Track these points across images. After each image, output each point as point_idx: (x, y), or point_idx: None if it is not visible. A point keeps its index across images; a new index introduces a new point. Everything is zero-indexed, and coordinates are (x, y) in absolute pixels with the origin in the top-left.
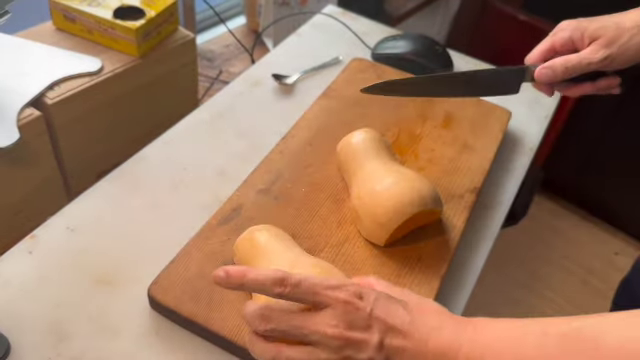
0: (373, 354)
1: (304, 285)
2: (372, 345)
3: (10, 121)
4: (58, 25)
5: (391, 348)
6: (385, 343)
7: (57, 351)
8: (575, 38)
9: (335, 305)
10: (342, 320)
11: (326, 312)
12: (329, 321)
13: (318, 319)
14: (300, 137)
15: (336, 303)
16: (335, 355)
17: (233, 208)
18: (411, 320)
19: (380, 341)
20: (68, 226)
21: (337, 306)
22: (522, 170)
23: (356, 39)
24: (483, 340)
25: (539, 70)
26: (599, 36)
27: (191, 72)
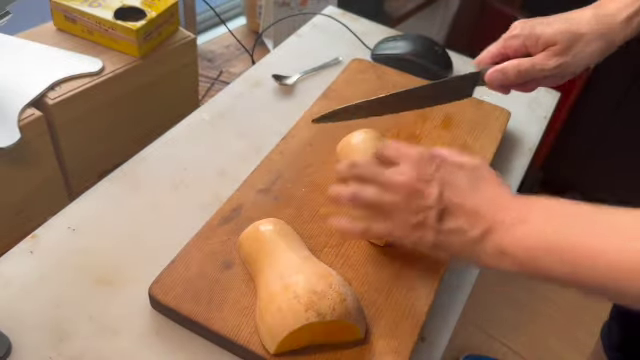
0: (433, 203)
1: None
2: (433, 195)
3: (11, 121)
4: (59, 26)
5: (450, 201)
6: (444, 196)
7: (58, 350)
8: (529, 44)
9: (407, 161)
10: (411, 172)
11: (401, 165)
12: (399, 170)
13: (393, 169)
14: (300, 137)
15: (407, 159)
16: (400, 199)
17: (233, 208)
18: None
19: (440, 193)
20: (69, 226)
21: (409, 162)
22: (521, 170)
23: (356, 40)
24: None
25: (490, 73)
26: (554, 43)
27: (192, 72)
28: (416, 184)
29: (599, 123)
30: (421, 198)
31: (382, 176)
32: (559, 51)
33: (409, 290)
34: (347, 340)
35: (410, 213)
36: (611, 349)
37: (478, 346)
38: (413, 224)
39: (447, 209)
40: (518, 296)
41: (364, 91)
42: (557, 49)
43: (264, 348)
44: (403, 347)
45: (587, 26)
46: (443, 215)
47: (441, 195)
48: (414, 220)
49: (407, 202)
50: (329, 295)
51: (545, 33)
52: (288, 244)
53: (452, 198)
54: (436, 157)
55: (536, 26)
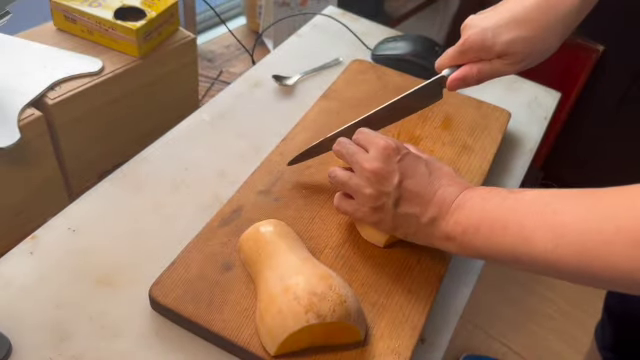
0: (391, 190)
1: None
2: (393, 183)
3: (11, 121)
4: (59, 26)
5: (406, 189)
6: (403, 185)
7: (58, 351)
8: (483, 55)
9: (375, 150)
10: (377, 161)
11: (370, 152)
12: (367, 158)
13: (364, 155)
14: (300, 138)
15: (377, 148)
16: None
17: (233, 209)
18: (428, 175)
19: (399, 182)
20: (69, 227)
21: (377, 151)
22: (521, 170)
23: (356, 40)
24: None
25: (451, 82)
26: (508, 53)
27: (192, 72)
28: (380, 171)
29: (599, 123)
30: (382, 185)
31: (354, 157)
32: (515, 60)
33: (409, 291)
34: (347, 342)
35: (372, 198)
36: (605, 349)
37: (478, 346)
38: (374, 207)
39: (403, 196)
40: (518, 296)
41: (364, 92)
42: (512, 59)
43: (264, 350)
44: (403, 348)
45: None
46: (399, 201)
47: (400, 183)
48: (375, 204)
49: (370, 187)
50: (329, 297)
51: (496, 45)
52: (288, 245)
53: (409, 187)
54: (400, 149)
55: (486, 36)
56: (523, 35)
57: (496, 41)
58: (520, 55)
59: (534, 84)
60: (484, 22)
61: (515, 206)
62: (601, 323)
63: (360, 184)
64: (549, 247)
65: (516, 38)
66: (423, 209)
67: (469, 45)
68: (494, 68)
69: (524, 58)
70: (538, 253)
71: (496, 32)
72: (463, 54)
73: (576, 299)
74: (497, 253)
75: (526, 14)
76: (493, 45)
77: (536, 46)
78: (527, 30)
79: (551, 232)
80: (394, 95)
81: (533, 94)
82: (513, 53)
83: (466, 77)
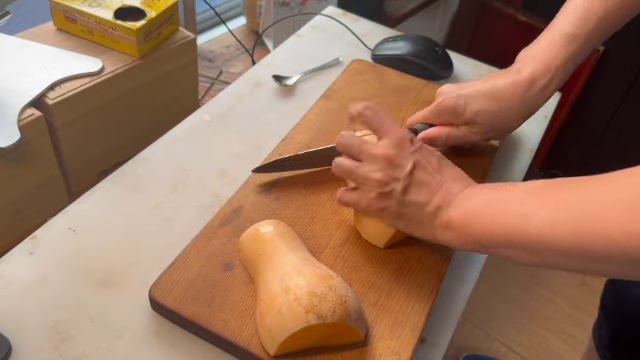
0: (402, 177)
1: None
2: (405, 171)
3: (11, 121)
4: (59, 26)
5: (416, 178)
6: (414, 173)
7: (58, 352)
8: (453, 120)
9: (390, 139)
10: (391, 148)
11: (383, 140)
12: (381, 145)
13: (377, 143)
14: (300, 138)
15: (391, 137)
16: (375, 168)
17: (233, 209)
18: (439, 168)
19: (411, 170)
20: (69, 227)
21: (392, 139)
22: (522, 170)
23: (356, 40)
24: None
25: (421, 139)
26: (475, 122)
27: (191, 72)
28: (393, 158)
29: (599, 123)
30: (394, 170)
31: (363, 147)
32: (480, 130)
33: (409, 291)
34: (348, 342)
35: (380, 183)
36: (602, 348)
37: (478, 346)
38: (381, 193)
39: (412, 184)
40: (518, 296)
41: (364, 92)
42: (478, 129)
43: (264, 350)
44: (404, 349)
45: (506, 101)
46: (408, 188)
47: (412, 172)
48: (383, 190)
49: (380, 171)
50: (329, 297)
51: (466, 112)
52: (288, 245)
53: (420, 176)
54: (415, 142)
55: (459, 103)
56: (489, 109)
57: (466, 108)
58: (485, 126)
59: None
60: (459, 90)
61: (516, 194)
62: (598, 323)
63: (371, 169)
64: (546, 226)
65: (483, 110)
66: (429, 198)
67: (442, 107)
68: (462, 134)
69: (488, 130)
70: (534, 232)
71: (467, 101)
72: (436, 115)
73: (576, 299)
74: (494, 239)
75: (495, 91)
76: (463, 112)
77: (500, 121)
78: (493, 105)
79: (547, 210)
80: (394, 95)
81: None
82: (479, 123)
83: (436, 138)
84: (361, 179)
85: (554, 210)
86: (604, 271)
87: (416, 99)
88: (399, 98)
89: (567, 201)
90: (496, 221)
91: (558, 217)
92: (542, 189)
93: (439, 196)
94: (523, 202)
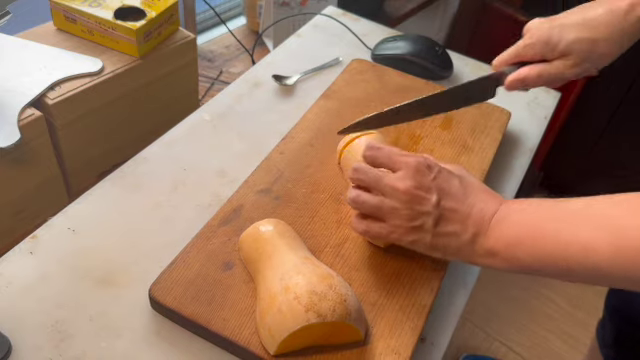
0: (431, 209)
1: (384, 151)
2: (432, 203)
3: (11, 121)
4: (59, 26)
5: (445, 208)
6: (441, 204)
7: (58, 351)
8: (545, 52)
9: (408, 169)
10: (412, 180)
11: (400, 173)
12: (400, 178)
13: (393, 177)
14: (300, 138)
15: (408, 168)
16: (400, 205)
17: (233, 208)
18: (464, 191)
19: (438, 201)
20: (69, 226)
21: (409, 170)
22: (521, 170)
23: (356, 40)
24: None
25: (510, 82)
26: (570, 53)
27: (191, 72)
28: (416, 191)
29: (599, 123)
30: (420, 204)
31: (383, 182)
32: (577, 61)
33: (409, 291)
34: (347, 341)
35: (409, 218)
36: (606, 347)
37: (478, 346)
38: (411, 227)
39: (443, 215)
40: (518, 296)
41: (364, 91)
42: (575, 59)
43: (264, 349)
44: (404, 348)
45: (603, 29)
46: (439, 220)
47: (439, 202)
48: (413, 224)
49: (407, 208)
50: (329, 296)
51: (561, 43)
52: (288, 245)
53: (448, 205)
54: (433, 167)
55: (552, 33)
56: (588, 36)
57: (562, 38)
58: (583, 55)
59: None
60: (549, 23)
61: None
62: (602, 322)
63: (395, 206)
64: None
65: (581, 38)
66: (463, 227)
67: (536, 40)
68: (555, 70)
69: (585, 60)
70: (594, 261)
71: (562, 30)
72: (528, 50)
73: (577, 299)
74: (543, 264)
75: (592, 19)
76: (558, 42)
77: (598, 49)
78: (592, 32)
79: (608, 237)
80: (394, 95)
81: (533, 94)
82: (577, 52)
83: (527, 78)
84: (388, 215)
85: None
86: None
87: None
88: (399, 98)
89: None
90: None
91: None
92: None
93: (473, 223)
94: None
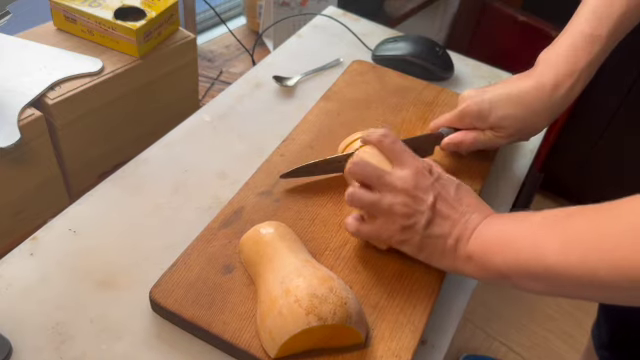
0: (425, 210)
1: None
2: (427, 204)
3: (11, 121)
4: (59, 26)
5: (438, 211)
6: (436, 206)
7: (59, 353)
8: (478, 125)
9: (410, 169)
10: (412, 180)
11: (402, 171)
12: (402, 177)
13: (395, 174)
14: (301, 139)
15: (411, 167)
16: (397, 202)
17: (234, 211)
18: (458, 198)
19: (433, 203)
20: (69, 228)
21: (411, 170)
22: (522, 172)
23: (357, 40)
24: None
25: (447, 144)
26: (501, 126)
27: (192, 72)
28: (414, 191)
29: (599, 124)
30: (416, 204)
31: (384, 178)
32: (507, 134)
33: (410, 293)
34: (348, 344)
35: (403, 216)
36: (601, 348)
37: (478, 346)
38: (403, 226)
39: (435, 218)
40: (518, 296)
41: (365, 93)
42: (504, 132)
43: (265, 352)
44: (404, 350)
45: (531, 105)
46: (431, 222)
47: (434, 204)
48: (405, 223)
49: (403, 205)
50: (330, 299)
51: (491, 117)
52: (289, 247)
53: (441, 208)
54: (434, 171)
55: (483, 107)
56: (516, 112)
57: (491, 113)
58: (510, 130)
59: None
60: (482, 95)
61: (530, 225)
62: (597, 323)
63: (393, 202)
64: (558, 256)
65: (508, 115)
66: (450, 231)
67: (467, 112)
68: (487, 138)
69: (514, 134)
70: (548, 263)
71: (492, 105)
72: (460, 120)
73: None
74: (515, 271)
75: (520, 96)
76: (488, 116)
77: (525, 125)
78: (520, 108)
79: (558, 241)
80: (394, 96)
81: None
82: (505, 127)
83: (462, 142)
84: (384, 212)
85: (566, 241)
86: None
87: (416, 100)
88: (399, 99)
89: (578, 231)
90: (513, 252)
91: (569, 248)
92: (554, 220)
93: (459, 228)
94: (537, 233)
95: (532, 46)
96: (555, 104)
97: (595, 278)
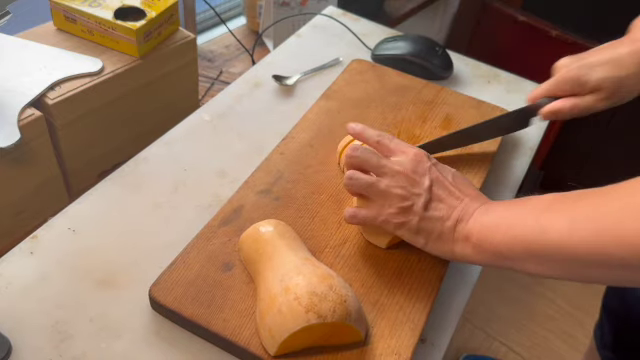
0: (422, 192)
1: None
2: (424, 186)
3: (11, 121)
4: (59, 26)
5: (435, 194)
6: (433, 189)
7: (58, 352)
8: (577, 90)
9: (406, 155)
10: (409, 164)
11: (400, 157)
12: (399, 162)
13: (393, 160)
14: (300, 138)
15: (407, 154)
16: (395, 184)
17: (234, 209)
18: (455, 184)
19: (430, 185)
20: (69, 227)
21: (408, 156)
22: (522, 170)
23: (356, 40)
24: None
25: (546, 113)
26: (600, 89)
27: (191, 72)
28: (412, 174)
29: (599, 123)
30: (413, 186)
31: (382, 161)
32: (607, 96)
33: (410, 291)
34: (348, 342)
35: (401, 198)
36: (604, 348)
37: (478, 346)
38: (401, 208)
39: (432, 199)
40: (518, 296)
41: (364, 92)
42: (604, 94)
43: (264, 350)
44: (404, 348)
45: (629, 67)
46: (429, 203)
47: (430, 187)
48: (403, 204)
49: (400, 187)
50: (330, 297)
51: (590, 81)
52: (288, 245)
53: (438, 191)
54: (432, 159)
55: (581, 73)
56: (615, 74)
57: (590, 77)
58: (611, 91)
59: (534, 84)
60: (579, 62)
61: (532, 207)
62: (599, 323)
63: (390, 184)
64: (563, 233)
65: (607, 77)
66: (449, 213)
67: (567, 78)
68: (586, 103)
69: (611, 96)
70: (552, 240)
71: (591, 69)
72: (559, 87)
73: (576, 299)
74: (513, 250)
75: (619, 58)
76: (587, 81)
77: (625, 86)
78: (618, 71)
79: (564, 218)
80: (394, 95)
81: None
82: (605, 89)
83: (561, 110)
84: (381, 193)
85: (571, 219)
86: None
87: (416, 99)
88: (399, 98)
89: (583, 209)
90: (514, 232)
91: (575, 225)
92: (556, 202)
93: (457, 211)
94: (540, 213)
95: (532, 46)
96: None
97: (603, 254)
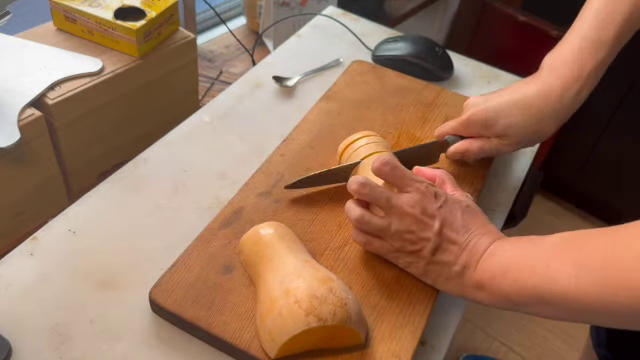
0: (432, 236)
1: (399, 170)
2: (434, 230)
3: (11, 121)
4: (59, 26)
5: (445, 237)
6: (443, 232)
7: (58, 354)
8: (484, 133)
9: (416, 193)
10: (418, 205)
11: (409, 195)
12: (409, 202)
13: (402, 198)
14: (301, 140)
15: (417, 192)
16: (404, 228)
17: (234, 211)
18: (465, 224)
19: (440, 229)
20: (69, 228)
21: (418, 194)
22: (522, 171)
23: (356, 41)
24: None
25: (452, 153)
26: (507, 134)
27: (191, 72)
28: (421, 217)
29: (599, 123)
30: (423, 230)
31: (392, 202)
32: (512, 141)
33: (410, 294)
34: (348, 344)
35: (410, 242)
36: (600, 347)
37: (478, 346)
38: (409, 251)
39: (442, 244)
40: None
41: (365, 93)
42: (510, 140)
43: (265, 353)
44: (404, 351)
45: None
46: (437, 248)
47: (440, 230)
48: (411, 248)
49: (410, 232)
50: (330, 300)
51: (497, 125)
52: (289, 248)
53: (448, 234)
54: (440, 195)
55: (488, 116)
56: (520, 120)
57: (497, 122)
58: (517, 138)
59: None
60: (487, 103)
61: (540, 250)
62: None
63: (400, 229)
64: (572, 280)
65: (514, 123)
66: (455, 258)
67: (472, 121)
68: (493, 146)
69: (520, 141)
70: (561, 288)
71: (498, 114)
72: (465, 128)
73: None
74: (523, 296)
75: (526, 102)
76: (494, 125)
77: (531, 132)
78: (525, 116)
79: (572, 265)
80: (394, 96)
81: None
82: (511, 135)
83: (467, 151)
84: (391, 237)
85: (579, 266)
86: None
87: (416, 100)
88: (399, 99)
89: (590, 255)
90: (524, 280)
91: (582, 273)
92: (564, 244)
93: (465, 255)
94: (548, 258)
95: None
96: (562, 110)
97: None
